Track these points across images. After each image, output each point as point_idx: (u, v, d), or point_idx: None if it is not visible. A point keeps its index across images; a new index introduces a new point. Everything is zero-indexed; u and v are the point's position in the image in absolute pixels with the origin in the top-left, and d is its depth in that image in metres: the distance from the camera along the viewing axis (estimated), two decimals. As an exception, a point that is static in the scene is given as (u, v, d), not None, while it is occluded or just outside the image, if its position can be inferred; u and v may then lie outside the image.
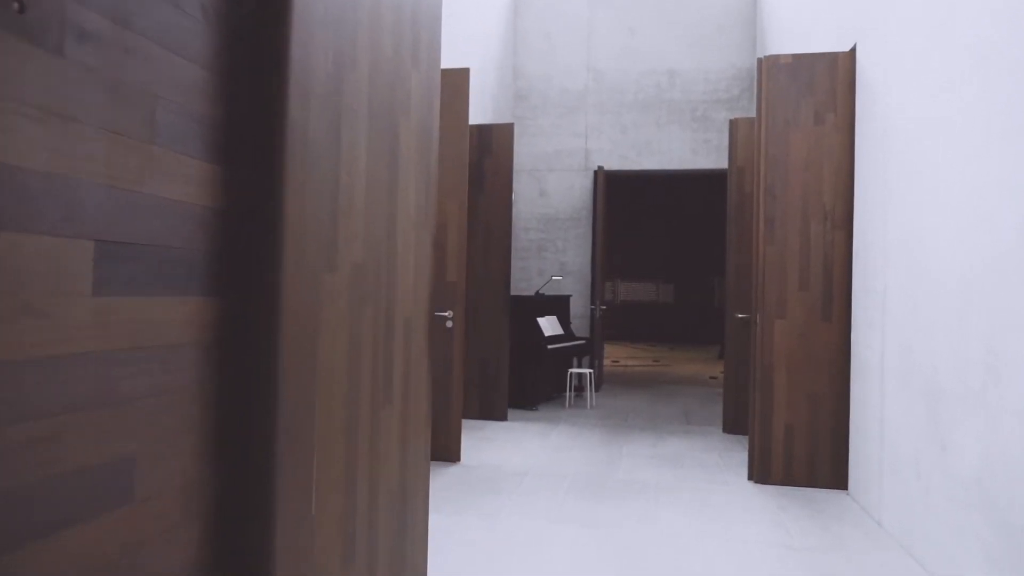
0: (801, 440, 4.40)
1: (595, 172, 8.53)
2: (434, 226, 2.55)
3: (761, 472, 4.44)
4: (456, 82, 4.81)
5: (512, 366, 7.06)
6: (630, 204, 17.19)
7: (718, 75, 8.59)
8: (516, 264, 8.94)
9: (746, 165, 6.00)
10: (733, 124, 6.06)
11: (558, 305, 7.89)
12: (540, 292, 7.78)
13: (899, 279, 3.49)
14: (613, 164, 8.78)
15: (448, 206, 4.82)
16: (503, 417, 6.33)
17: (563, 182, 8.89)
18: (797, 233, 4.43)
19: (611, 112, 8.81)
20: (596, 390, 8.30)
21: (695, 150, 8.62)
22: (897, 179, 3.55)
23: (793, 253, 4.43)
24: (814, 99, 4.41)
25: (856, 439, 4.16)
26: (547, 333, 7.29)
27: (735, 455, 5.22)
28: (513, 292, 8.95)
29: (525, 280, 8.86)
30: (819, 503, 4.09)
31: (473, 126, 6.40)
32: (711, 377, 10.12)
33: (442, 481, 4.35)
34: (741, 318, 5.96)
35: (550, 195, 8.91)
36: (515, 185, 8.98)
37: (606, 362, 11.98)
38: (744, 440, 5.77)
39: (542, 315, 7.50)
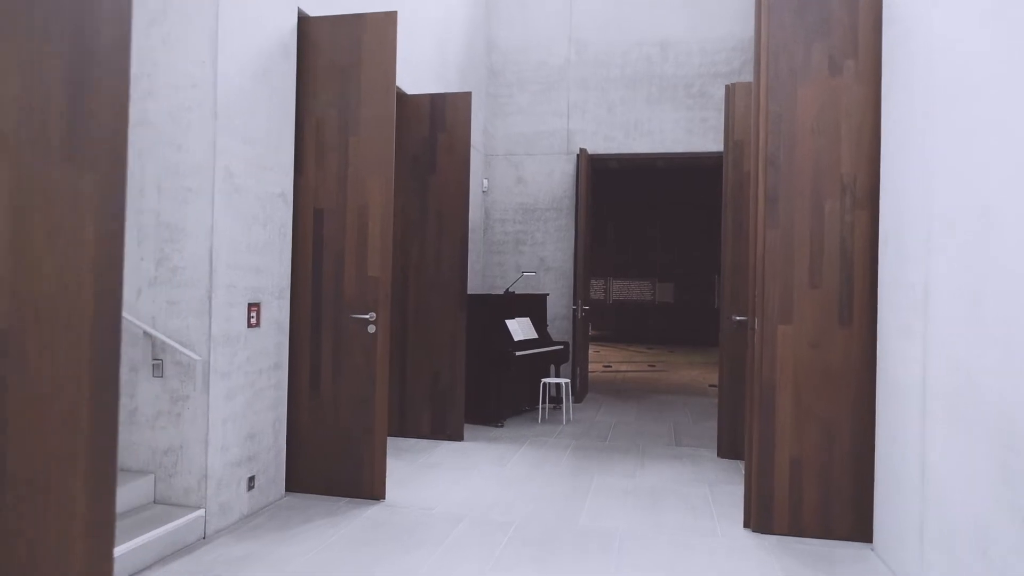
0: (812, 479, 3.43)
1: (578, 155, 7.57)
2: None
3: (760, 518, 3.47)
4: (379, 28, 3.87)
5: (473, 376, 6.11)
6: (622, 194, 16.21)
7: (716, 45, 7.62)
8: (491, 259, 8.00)
9: (745, 139, 5.03)
10: (730, 90, 5.09)
11: (532, 305, 6.94)
12: (510, 290, 6.85)
13: (949, 270, 2.53)
14: (598, 147, 7.82)
15: (370, 184, 3.87)
16: (457, 436, 5.38)
17: (542, 167, 7.93)
18: (807, 214, 3.46)
19: (596, 88, 7.85)
20: (577, 401, 7.34)
21: (690, 130, 7.65)
22: (947, 137, 2.58)
23: (802, 239, 3.46)
24: (828, 42, 3.44)
25: (885, 481, 3.19)
26: (517, 337, 6.34)
27: (729, 490, 4.26)
28: (484, 291, 8.00)
29: (501, 277, 7.92)
30: (836, 563, 3.12)
31: (424, 96, 5.45)
32: (711, 385, 9.14)
33: (345, 529, 3.40)
34: (739, 321, 4.99)
35: (528, 182, 7.96)
36: (489, 171, 8.04)
37: (597, 367, 11.02)
38: (742, 467, 4.80)
39: (512, 316, 6.55)
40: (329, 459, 3.92)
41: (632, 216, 16.10)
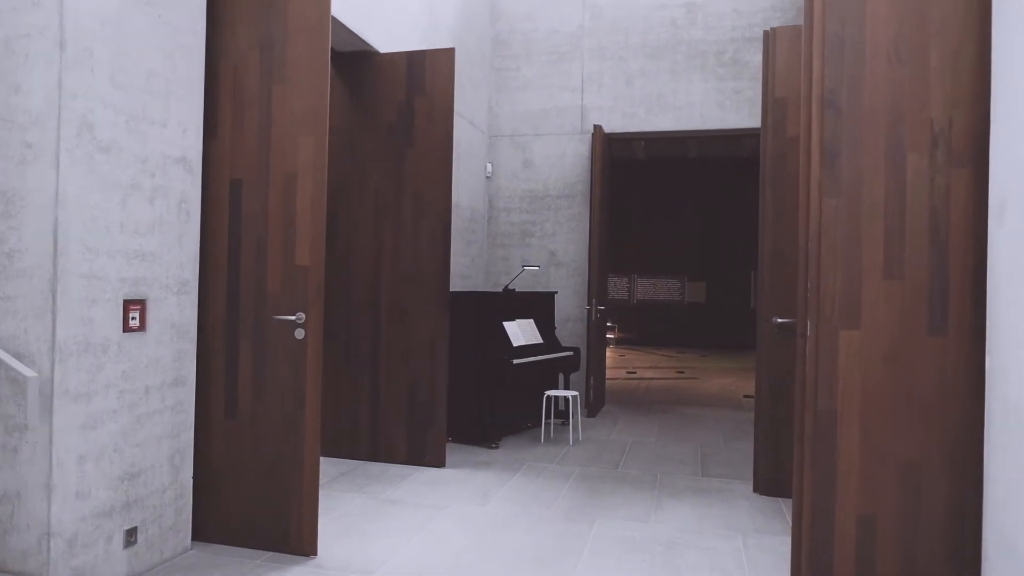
0: (890, 547, 2.45)
1: (592, 134, 6.63)
2: None
3: (815, 599, 2.50)
4: (312, -55, 2.99)
5: (462, 389, 5.20)
6: (648, 185, 15.16)
7: (752, 5, 6.60)
8: (495, 254, 7.09)
9: (789, 97, 4.05)
10: (769, 36, 4.11)
11: (537, 305, 6.01)
12: (510, 287, 5.94)
13: None
14: (615, 125, 6.86)
15: (299, 146, 3.00)
16: (438, 462, 4.48)
17: (553, 149, 7.00)
18: (880, 174, 2.48)
19: (613, 58, 6.90)
20: (591, 415, 6.39)
21: (722, 104, 6.65)
22: None
23: (873, 210, 2.49)
24: (911, -64, 2.46)
25: (998, 553, 2.20)
26: (517, 342, 5.43)
27: (770, 543, 3.29)
28: (488, 289, 7.09)
29: (506, 274, 7.01)
30: None
31: (399, 54, 4.57)
32: (746, 396, 8.11)
33: (252, 607, 2.53)
34: (781, 324, 4.01)
35: (537, 166, 7.04)
36: (493, 154, 7.14)
37: (619, 373, 10.03)
38: (786, 508, 3.81)
39: (512, 317, 5.63)
40: (250, 501, 3.05)
41: (659, 208, 15.05)
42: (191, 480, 3.00)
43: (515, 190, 7.08)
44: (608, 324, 14.47)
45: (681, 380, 9.41)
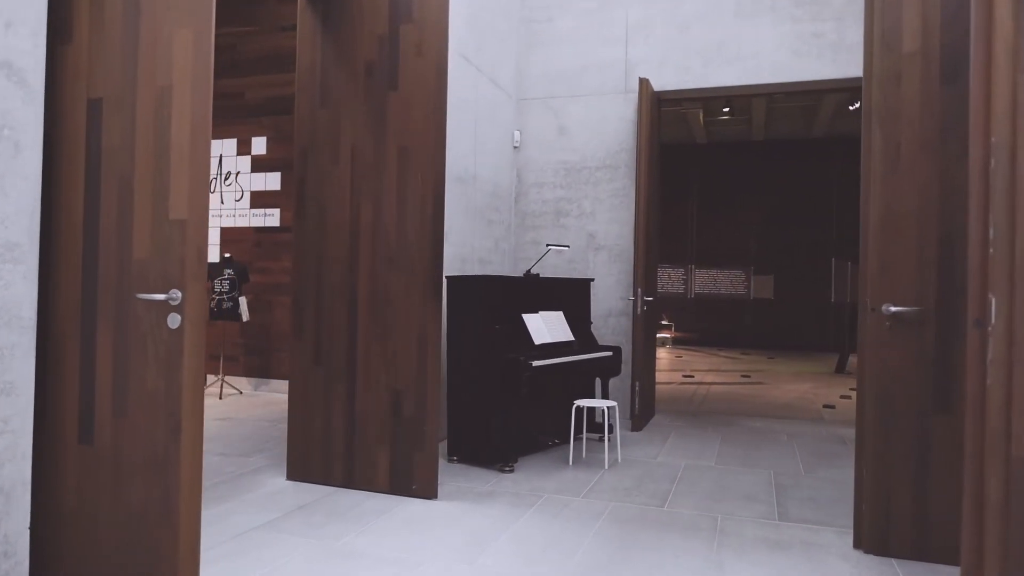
0: None
1: (639, 92, 5.53)
2: None
3: None
4: None
5: (468, 397, 4.19)
6: (709, 166, 13.84)
7: (836, -72, 5.37)
8: (523, 237, 6.06)
9: (905, -5, 2.87)
10: (876, -86, 2.94)
11: (568, 295, 4.95)
12: (532, 271, 4.88)
13: None
14: (666, 81, 5.73)
15: (175, 47, 2.03)
16: (427, 491, 3.48)
17: (592, 113, 5.92)
18: None
19: (663, 0, 5.77)
20: (636, 429, 5.28)
21: (798, 51, 5.44)
22: None
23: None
24: None
25: None
26: (540, 339, 4.38)
27: (893, 647, 2.14)
28: (513, 273, 6.06)
29: (538, 261, 5.96)
30: None
31: (381, -29, 3.59)
32: (825, 406, 6.83)
33: None
34: (897, 314, 2.84)
35: (573, 133, 5.97)
36: (522, 121, 6.10)
37: (675, 377, 8.85)
38: (908, 575, 2.66)
39: (535, 309, 4.59)
40: (110, 557, 2.11)
41: (719, 193, 13.72)
42: (27, 533, 2.07)
43: (547, 162, 6.03)
44: (663, 322, 13.24)
45: (746, 386, 8.17)
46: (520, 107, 6.10)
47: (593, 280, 5.32)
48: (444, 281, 4.34)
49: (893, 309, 2.82)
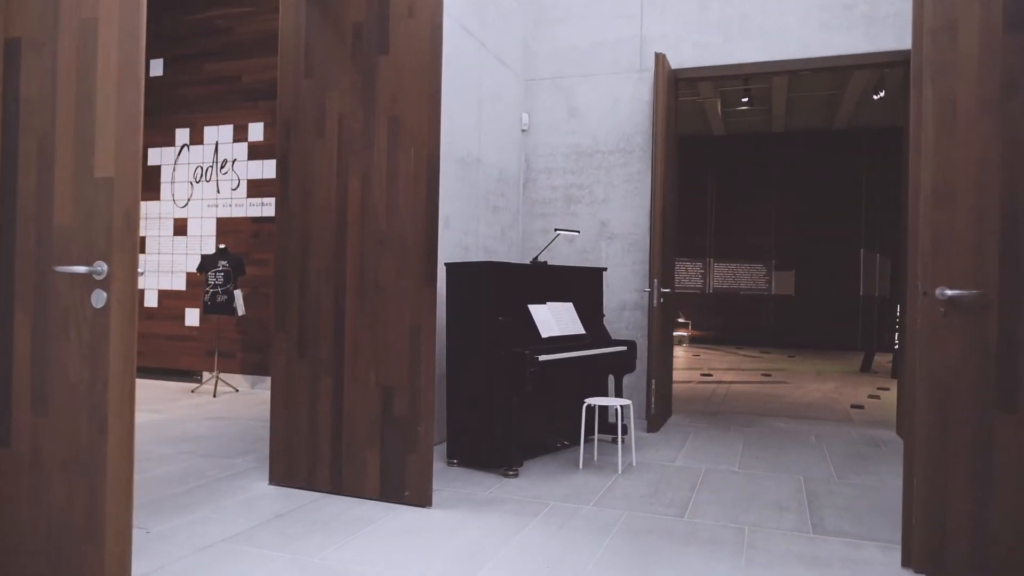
0: None
1: (655, 70, 5.17)
2: None
3: None
4: None
5: (468, 394, 3.85)
6: (728, 157, 13.43)
7: None
8: (532, 226, 5.71)
9: (962, -69, 2.49)
10: None
11: (579, 285, 4.60)
12: (539, 259, 4.52)
13: None
14: (684, 58, 5.36)
15: (105, -31, 1.71)
16: (422, 499, 3.14)
17: (604, 93, 5.56)
18: None
19: (681, -27, 5.41)
20: (652, 430, 4.91)
21: (827, 24, 5.05)
22: None
23: None
24: None
25: None
26: (547, 332, 4.03)
27: None
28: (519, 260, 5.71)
29: (548, 250, 5.61)
30: None
31: (370, -76, 3.26)
32: (853, 406, 6.42)
33: None
34: (954, 299, 2.46)
35: (584, 114, 5.61)
36: (530, 102, 5.76)
37: (692, 376, 8.46)
38: (967, 604, 2.28)
39: (543, 300, 4.24)
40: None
41: (738, 186, 13.30)
42: (-68, 550, 1.75)
43: (557, 146, 5.68)
44: (680, 320, 12.83)
45: (767, 385, 7.77)
46: (528, 88, 5.75)
47: (606, 270, 4.95)
48: (443, 269, 4.01)
49: (949, 293, 2.45)
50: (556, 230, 4.50)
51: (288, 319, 3.39)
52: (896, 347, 8.57)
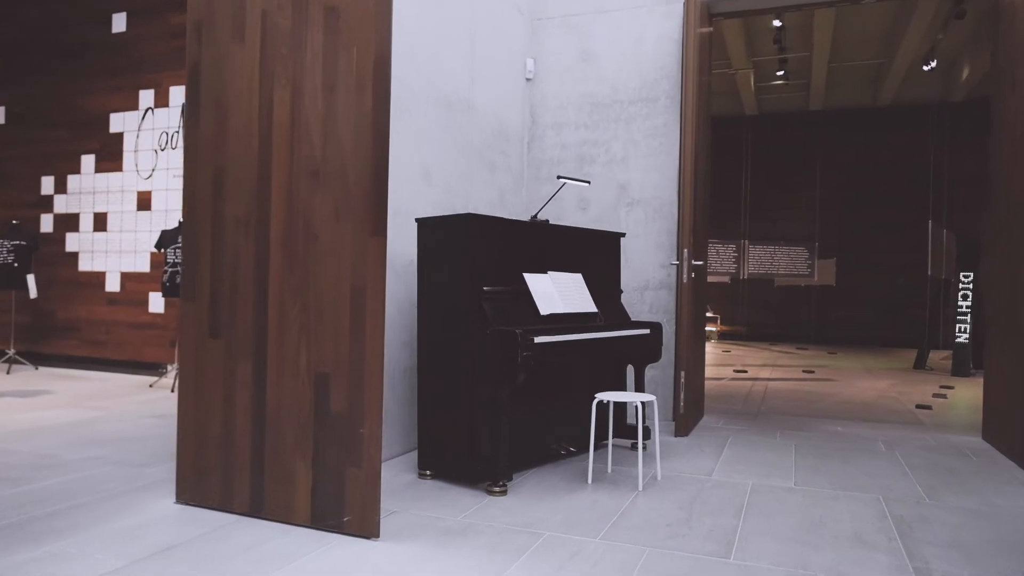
0: None
1: (684, 2, 4.27)
2: None
3: None
4: None
5: (445, 385, 2.98)
6: (767, 136, 12.43)
7: None
8: (540, 190, 4.83)
9: None
10: None
11: (590, 252, 3.71)
12: (538, 216, 3.60)
13: None
14: (721, -14, 4.45)
15: None
16: (366, 528, 2.28)
17: (624, 32, 4.67)
18: None
19: None
20: (680, 433, 4.01)
21: (897, -63, 4.11)
22: None
23: None
24: None
25: None
26: (548, 309, 3.15)
27: None
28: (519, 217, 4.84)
29: (557, 218, 4.73)
30: None
31: None
32: (919, 406, 5.45)
33: None
34: None
35: (599, 59, 4.72)
36: (536, 47, 4.88)
37: (724, 373, 7.52)
38: None
39: (544, 269, 3.36)
40: None
41: (779, 163, 12.29)
42: None
43: (568, 96, 4.79)
44: (708, 314, 11.85)
45: (812, 382, 6.80)
46: (535, 29, 4.88)
47: (624, 235, 4.06)
48: (415, 226, 3.15)
49: None
50: (559, 177, 3.60)
51: (198, 284, 2.56)
52: (958, 341, 7.54)
